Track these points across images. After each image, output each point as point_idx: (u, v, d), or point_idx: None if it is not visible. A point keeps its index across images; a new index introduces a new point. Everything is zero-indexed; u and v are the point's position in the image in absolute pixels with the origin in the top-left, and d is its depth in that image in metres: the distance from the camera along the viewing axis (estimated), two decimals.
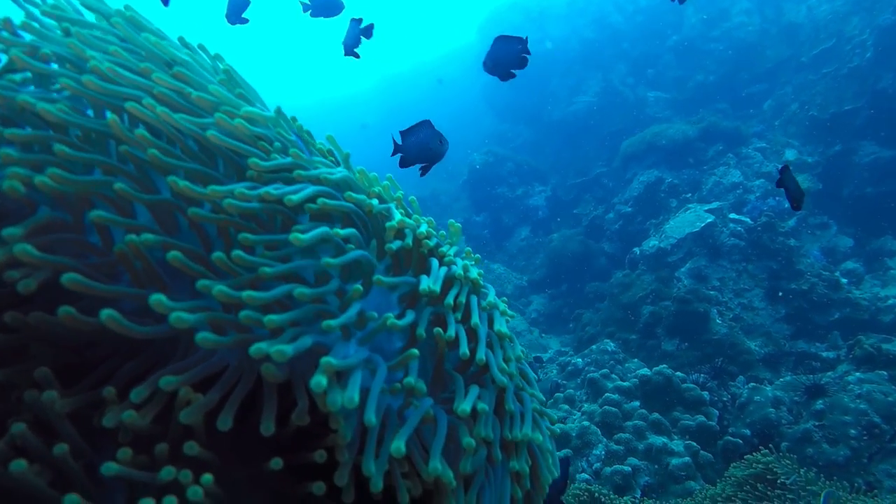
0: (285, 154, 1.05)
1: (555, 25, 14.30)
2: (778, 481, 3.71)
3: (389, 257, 1.15)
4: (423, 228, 1.17)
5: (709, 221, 7.48)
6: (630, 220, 9.36)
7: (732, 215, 7.64)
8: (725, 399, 5.39)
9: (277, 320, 0.76)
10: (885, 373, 4.83)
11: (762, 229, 7.07)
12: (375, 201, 1.11)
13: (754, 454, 3.96)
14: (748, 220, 7.39)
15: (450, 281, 1.14)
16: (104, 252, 0.86)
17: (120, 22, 1.06)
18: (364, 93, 28.45)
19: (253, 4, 3.93)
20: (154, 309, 0.73)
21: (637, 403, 5.12)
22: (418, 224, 1.18)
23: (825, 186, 8.12)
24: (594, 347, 6.49)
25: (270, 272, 0.81)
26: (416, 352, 0.92)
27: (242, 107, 1.05)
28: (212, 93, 1.02)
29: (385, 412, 0.91)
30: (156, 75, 0.95)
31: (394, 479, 0.85)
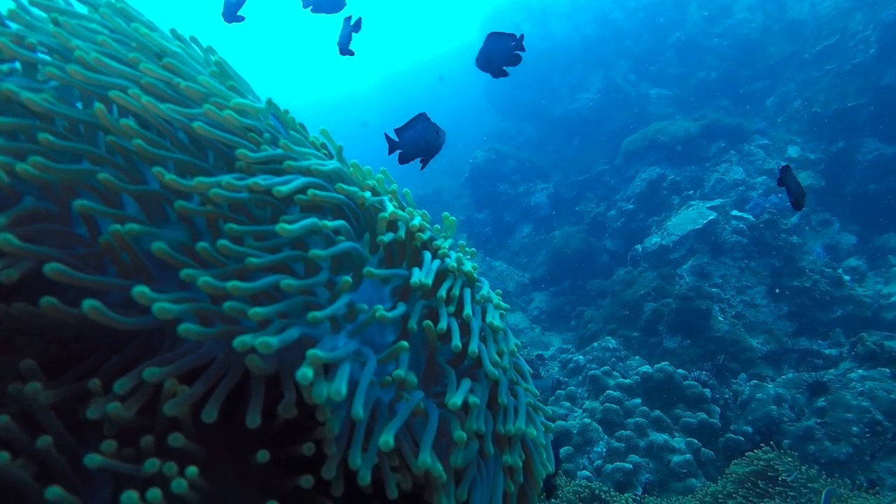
0: (276, 146, 1.04)
1: (557, 22, 14.26)
2: (779, 478, 3.69)
3: (382, 250, 1.13)
4: (417, 221, 1.15)
5: (711, 218, 7.45)
6: (632, 218, 9.33)
7: (735, 212, 7.61)
8: (727, 396, 5.38)
9: (263, 312, 0.75)
10: (888, 370, 4.81)
11: (764, 226, 7.04)
12: (368, 193, 1.10)
13: (756, 451, 3.95)
14: (750, 217, 7.36)
15: (443, 274, 1.13)
16: (91, 243, 0.85)
17: (109, 13, 1.05)
18: (365, 91, 28.39)
19: (253, 3, 3.92)
20: (137, 300, 0.72)
21: (638, 401, 5.11)
22: (412, 216, 1.16)
23: (828, 183, 8.09)
24: (596, 345, 6.47)
25: (257, 263, 0.80)
26: (406, 344, 0.91)
27: (233, 98, 1.04)
28: (201, 83, 1.01)
29: (375, 405, 0.89)
30: (143, 65, 0.94)
31: (383, 473, 0.84)
